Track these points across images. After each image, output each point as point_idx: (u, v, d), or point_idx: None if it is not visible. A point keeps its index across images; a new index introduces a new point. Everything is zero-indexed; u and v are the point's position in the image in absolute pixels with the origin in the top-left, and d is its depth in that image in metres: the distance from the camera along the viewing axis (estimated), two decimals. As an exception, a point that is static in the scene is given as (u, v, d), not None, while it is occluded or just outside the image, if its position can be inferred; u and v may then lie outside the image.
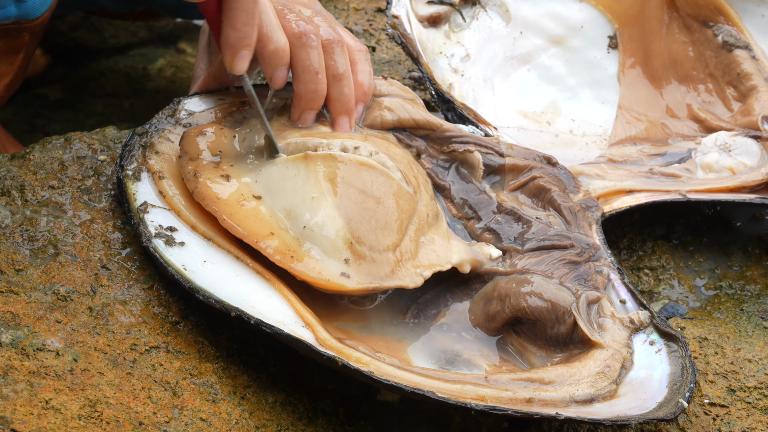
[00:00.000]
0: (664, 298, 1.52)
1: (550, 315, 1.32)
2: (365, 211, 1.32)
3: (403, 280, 1.32)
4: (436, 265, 1.35)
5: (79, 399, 1.15)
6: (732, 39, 1.68)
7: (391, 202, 1.33)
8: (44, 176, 1.37)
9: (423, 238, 1.36)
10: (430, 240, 1.37)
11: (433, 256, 1.35)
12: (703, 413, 1.32)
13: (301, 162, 1.34)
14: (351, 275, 1.29)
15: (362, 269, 1.30)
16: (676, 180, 1.55)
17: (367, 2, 1.89)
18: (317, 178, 1.33)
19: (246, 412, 1.24)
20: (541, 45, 1.73)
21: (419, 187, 1.39)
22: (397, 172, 1.37)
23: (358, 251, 1.30)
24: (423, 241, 1.36)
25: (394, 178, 1.34)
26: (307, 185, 1.33)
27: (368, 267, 1.30)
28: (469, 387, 1.24)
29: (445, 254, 1.36)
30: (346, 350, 1.25)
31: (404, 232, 1.34)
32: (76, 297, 1.26)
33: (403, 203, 1.34)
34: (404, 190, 1.35)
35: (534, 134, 1.66)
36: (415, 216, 1.36)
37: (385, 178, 1.33)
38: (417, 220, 1.36)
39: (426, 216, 1.37)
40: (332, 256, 1.29)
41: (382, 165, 1.36)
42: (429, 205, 1.39)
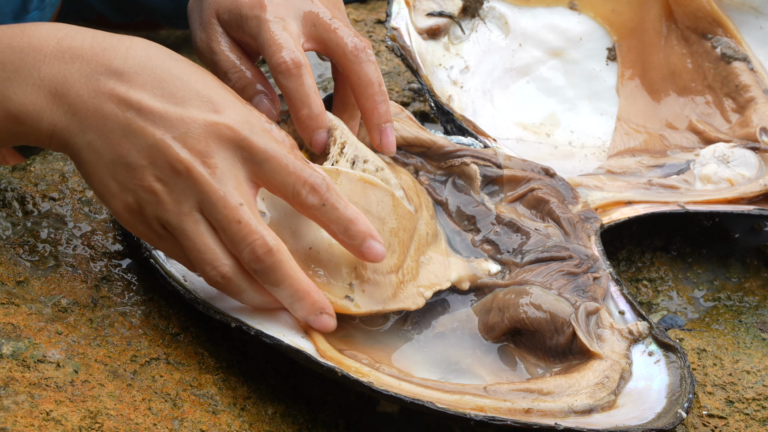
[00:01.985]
0: (662, 310, 1.52)
1: (549, 326, 1.32)
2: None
3: (405, 303, 1.32)
4: (436, 284, 1.35)
5: (79, 410, 1.15)
6: (730, 51, 1.69)
7: (394, 222, 1.33)
8: (45, 188, 1.38)
9: (422, 257, 1.36)
10: (428, 259, 1.37)
11: (432, 276, 1.35)
12: (702, 425, 1.32)
13: None
14: (355, 299, 1.29)
15: (366, 293, 1.30)
16: (675, 191, 1.55)
17: (366, 14, 1.89)
18: None
19: (246, 423, 1.24)
20: (540, 57, 1.74)
21: (420, 206, 1.39)
22: (399, 190, 1.36)
23: (362, 275, 1.30)
24: (422, 260, 1.36)
25: (397, 197, 1.34)
26: None
27: (372, 290, 1.30)
28: (468, 397, 1.24)
29: (444, 273, 1.36)
30: (346, 361, 1.25)
31: (406, 253, 1.34)
32: (77, 308, 1.26)
33: (406, 222, 1.34)
34: (406, 209, 1.34)
35: (533, 146, 1.67)
36: (415, 235, 1.35)
37: (389, 197, 1.32)
38: (417, 239, 1.36)
39: (425, 235, 1.37)
40: (337, 279, 1.28)
41: (386, 183, 1.35)
42: (429, 224, 1.39)
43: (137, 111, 1.15)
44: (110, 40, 1.17)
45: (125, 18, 2.01)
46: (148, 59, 1.17)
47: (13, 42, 1.16)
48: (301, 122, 1.33)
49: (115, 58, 1.16)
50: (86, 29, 1.18)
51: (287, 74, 1.31)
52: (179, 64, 1.18)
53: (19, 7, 1.59)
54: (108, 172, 1.17)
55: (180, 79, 1.17)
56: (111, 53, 1.16)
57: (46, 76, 1.16)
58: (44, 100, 1.16)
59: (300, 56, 1.32)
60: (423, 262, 1.36)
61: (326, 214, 1.22)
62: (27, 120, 1.16)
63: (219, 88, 1.20)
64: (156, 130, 1.15)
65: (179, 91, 1.17)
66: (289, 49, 1.32)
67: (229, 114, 1.18)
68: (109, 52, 1.16)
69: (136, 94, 1.15)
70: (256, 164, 1.19)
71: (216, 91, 1.19)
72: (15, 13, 1.59)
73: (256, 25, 1.34)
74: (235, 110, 1.19)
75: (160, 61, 1.17)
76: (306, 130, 1.33)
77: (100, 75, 1.16)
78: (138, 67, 1.16)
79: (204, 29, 1.38)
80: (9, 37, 1.16)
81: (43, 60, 1.16)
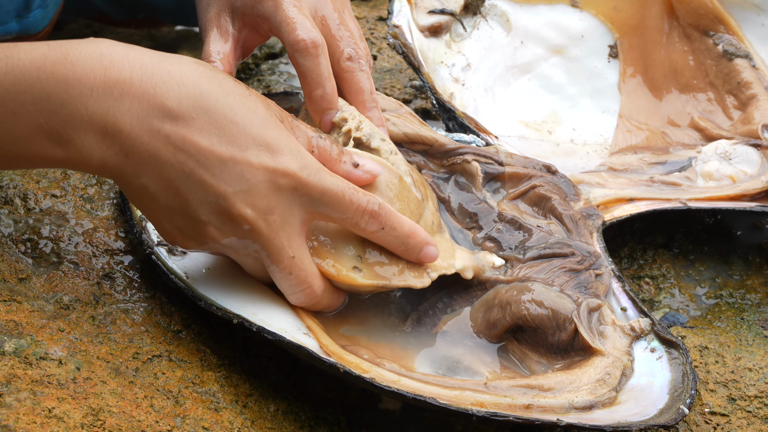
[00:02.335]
0: (664, 307, 1.52)
1: (551, 322, 1.32)
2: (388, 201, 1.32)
3: (411, 280, 1.31)
4: (441, 268, 1.35)
5: (81, 408, 1.15)
6: (732, 48, 1.69)
7: (403, 205, 1.33)
8: (47, 185, 1.38)
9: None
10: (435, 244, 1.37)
11: (438, 259, 1.35)
12: (704, 422, 1.32)
13: None
14: (363, 270, 1.29)
15: (373, 267, 1.30)
16: (677, 188, 1.55)
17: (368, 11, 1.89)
18: None
19: (248, 420, 1.24)
20: (541, 54, 1.74)
21: (426, 197, 1.39)
22: (408, 176, 1.36)
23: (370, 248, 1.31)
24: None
25: (405, 182, 1.34)
26: None
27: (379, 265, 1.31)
28: (468, 393, 1.24)
29: (450, 259, 1.36)
30: (347, 356, 1.25)
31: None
32: (79, 306, 1.26)
33: (413, 207, 1.34)
34: (413, 194, 1.35)
35: (535, 143, 1.67)
36: (422, 222, 1.36)
37: (398, 180, 1.33)
38: (423, 226, 1.36)
39: (431, 223, 1.37)
40: (345, 251, 1.29)
41: (396, 167, 1.35)
42: (434, 214, 1.39)
43: (196, 160, 1.15)
44: (160, 74, 1.14)
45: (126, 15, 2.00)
46: (201, 98, 1.15)
47: (56, 70, 1.11)
48: (314, 102, 1.35)
49: (168, 98, 1.13)
50: (130, 51, 1.15)
51: (305, 53, 1.33)
52: (232, 102, 1.18)
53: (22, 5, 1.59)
54: (165, 215, 1.19)
55: (235, 124, 1.17)
56: (163, 92, 1.14)
57: (94, 113, 1.12)
58: (93, 138, 1.13)
59: (318, 36, 1.34)
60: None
61: (386, 236, 1.27)
62: (75, 155, 1.14)
63: (272, 128, 1.20)
64: (218, 184, 1.16)
65: (236, 137, 1.17)
66: (307, 29, 1.34)
67: (285, 157, 1.19)
68: (161, 90, 1.14)
69: (193, 140, 1.15)
70: (314, 204, 1.22)
71: (270, 133, 1.19)
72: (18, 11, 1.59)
73: (272, 7, 1.35)
74: (290, 151, 1.19)
75: (214, 101, 1.16)
76: (318, 110, 1.36)
77: (153, 117, 1.13)
78: (193, 109, 1.15)
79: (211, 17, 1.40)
80: (52, 63, 1.11)
81: (90, 94, 1.12)
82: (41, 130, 1.12)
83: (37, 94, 1.10)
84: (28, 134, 1.12)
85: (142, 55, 1.15)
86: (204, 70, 1.18)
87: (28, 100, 1.11)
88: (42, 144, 1.13)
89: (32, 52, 1.11)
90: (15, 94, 1.10)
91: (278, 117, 1.23)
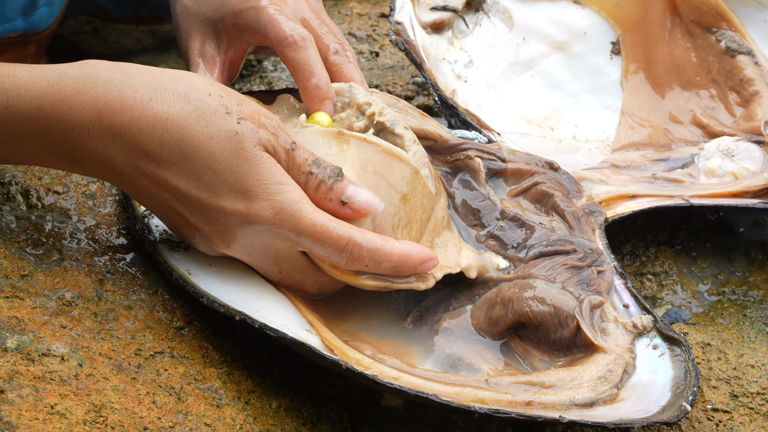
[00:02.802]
0: (667, 304, 1.52)
1: (553, 319, 1.32)
2: (390, 207, 1.31)
3: (414, 283, 1.31)
4: (447, 267, 1.35)
5: (84, 404, 1.15)
6: (735, 45, 1.68)
7: (416, 200, 1.33)
8: (49, 181, 1.38)
9: (437, 239, 1.36)
10: (443, 242, 1.37)
11: (444, 258, 1.35)
12: (706, 419, 1.32)
13: (333, 140, 1.32)
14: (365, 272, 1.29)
15: None
16: (679, 185, 1.55)
17: (370, 8, 1.89)
18: (349, 162, 1.31)
19: (250, 417, 1.24)
20: (544, 51, 1.74)
21: (440, 191, 1.39)
22: (425, 168, 1.36)
23: None
24: (437, 242, 1.36)
25: (421, 175, 1.33)
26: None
27: None
28: (469, 390, 1.24)
29: (455, 257, 1.36)
30: (349, 351, 1.25)
31: (422, 232, 1.34)
32: (81, 302, 1.26)
33: (426, 201, 1.34)
34: (427, 189, 1.34)
35: (537, 140, 1.67)
36: (432, 216, 1.35)
37: (412, 173, 1.32)
38: (434, 220, 1.36)
39: (441, 219, 1.37)
40: None
41: (416, 156, 1.35)
42: (445, 209, 1.39)
43: (177, 199, 1.24)
44: (146, 119, 1.21)
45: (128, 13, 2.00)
46: (182, 144, 1.22)
47: (55, 112, 1.21)
48: (309, 91, 1.37)
49: (152, 144, 1.21)
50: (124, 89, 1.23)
51: (294, 46, 1.37)
52: (214, 147, 1.23)
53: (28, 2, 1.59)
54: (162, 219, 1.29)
55: (213, 171, 1.22)
56: (147, 137, 1.22)
57: (92, 150, 1.22)
58: (94, 166, 1.24)
59: (304, 30, 1.38)
60: (437, 245, 1.36)
61: (374, 269, 1.28)
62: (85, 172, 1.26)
63: (253, 172, 1.23)
64: (197, 221, 1.25)
65: (212, 184, 1.23)
66: (292, 26, 1.38)
67: (260, 203, 1.23)
68: (146, 136, 1.21)
69: (173, 183, 1.23)
70: (294, 241, 1.26)
71: (249, 179, 1.23)
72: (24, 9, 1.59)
73: (254, 14, 1.40)
74: (267, 196, 1.23)
75: (195, 147, 1.22)
76: (313, 100, 1.37)
77: (140, 159, 1.22)
78: (174, 155, 1.22)
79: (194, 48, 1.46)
80: (51, 105, 1.21)
81: (88, 135, 1.22)
82: (50, 152, 1.23)
83: (40, 129, 1.22)
84: (39, 153, 1.24)
85: (134, 93, 1.22)
86: (192, 109, 1.23)
87: (33, 131, 1.22)
88: (52, 160, 1.24)
89: (31, 88, 1.21)
90: (19, 127, 1.22)
91: (271, 148, 1.25)
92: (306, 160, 1.27)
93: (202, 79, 1.26)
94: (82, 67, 1.24)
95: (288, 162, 1.26)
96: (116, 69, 1.24)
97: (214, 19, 1.43)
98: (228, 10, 1.41)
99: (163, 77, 1.24)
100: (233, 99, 1.25)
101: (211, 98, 1.24)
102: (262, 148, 1.24)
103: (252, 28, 1.40)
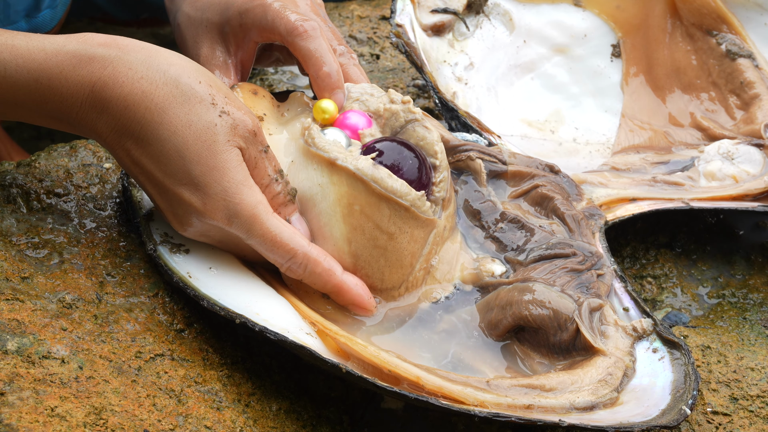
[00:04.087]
0: (667, 307, 1.52)
1: (552, 323, 1.32)
2: (375, 250, 1.32)
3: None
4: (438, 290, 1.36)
5: (84, 406, 1.15)
6: (735, 48, 1.68)
7: (405, 237, 1.32)
8: (50, 184, 1.38)
9: (434, 260, 1.36)
10: (438, 261, 1.37)
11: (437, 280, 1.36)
12: (706, 422, 1.32)
13: (326, 169, 1.32)
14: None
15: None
16: (679, 188, 1.55)
17: (371, 10, 1.89)
18: (337, 197, 1.31)
19: (250, 419, 1.24)
20: (544, 54, 1.74)
21: (451, 198, 1.39)
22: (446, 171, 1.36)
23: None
24: (432, 264, 1.36)
25: (412, 211, 1.32)
26: (324, 203, 1.32)
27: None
28: (470, 390, 1.24)
29: (450, 273, 1.37)
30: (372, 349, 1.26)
31: (413, 266, 1.34)
32: (82, 305, 1.26)
33: (417, 233, 1.33)
34: (421, 220, 1.33)
35: (538, 143, 1.66)
36: (430, 239, 1.35)
37: (405, 211, 1.32)
38: (431, 242, 1.35)
39: (443, 229, 1.37)
40: None
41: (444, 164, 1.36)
42: (451, 217, 1.39)
43: (146, 177, 1.27)
44: (133, 96, 1.25)
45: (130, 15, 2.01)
46: (160, 127, 1.25)
47: (51, 84, 1.25)
48: (321, 80, 1.38)
49: (134, 121, 1.25)
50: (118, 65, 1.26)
51: (305, 35, 1.38)
52: (187, 135, 1.25)
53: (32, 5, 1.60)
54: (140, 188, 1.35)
55: (181, 159, 1.25)
56: (131, 114, 1.25)
57: (83, 119, 1.27)
58: (85, 131, 1.29)
59: (313, 20, 1.39)
60: (433, 266, 1.36)
61: (313, 283, 1.31)
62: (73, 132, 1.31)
63: (217, 169, 1.26)
64: (160, 202, 1.29)
65: (178, 172, 1.25)
66: (301, 16, 1.39)
67: (216, 203, 1.26)
68: (130, 113, 1.25)
69: (144, 162, 1.26)
70: (241, 240, 1.28)
71: (212, 175, 1.26)
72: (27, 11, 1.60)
73: (260, 11, 1.40)
74: (224, 197, 1.26)
75: (170, 132, 1.25)
76: (325, 89, 1.39)
77: (121, 133, 1.26)
78: (150, 136, 1.25)
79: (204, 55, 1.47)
80: (47, 77, 1.25)
81: (80, 107, 1.26)
82: (44, 116, 1.28)
83: (36, 98, 1.26)
84: (33, 116, 1.29)
85: (128, 70, 1.25)
86: (179, 94, 1.26)
87: (29, 99, 1.26)
88: (45, 121, 1.29)
89: (30, 59, 1.25)
90: (16, 95, 1.26)
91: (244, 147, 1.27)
92: (274, 166, 1.30)
93: (196, 66, 1.28)
94: (79, 40, 1.26)
95: (257, 162, 1.28)
96: (113, 44, 1.26)
97: (219, 23, 1.43)
98: (234, 12, 1.42)
99: (158, 57, 1.26)
100: (221, 92, 1.27)
101: (200, 86, 1.26)
102: (234, 144, 1.26)
103: (259, 25, 1.41)
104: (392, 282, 1.34)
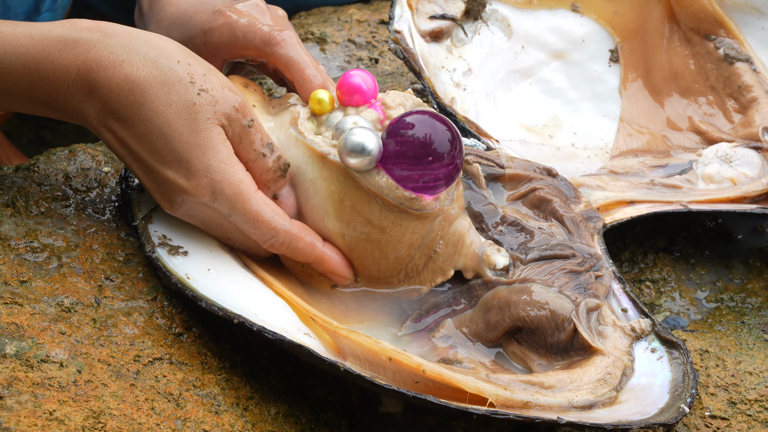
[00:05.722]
0: (665, 311, 1.52)
1: (550, 323, 1.32)
2: (369, 244, 1.32)
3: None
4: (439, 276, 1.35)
5: (82, 410, 1.15)
6: (733, 52, 1.69)
7: (398, 230, 1.32)
8: (48, 188, 1.38)
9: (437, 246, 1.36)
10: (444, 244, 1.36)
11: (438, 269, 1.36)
12: (704, 426, 1.32)
13: (317, 163, 1.32)
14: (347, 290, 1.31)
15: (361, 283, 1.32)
16: (678, 191, 1.55)
17: (369, 14, 1.89)
18: (328, 193, 1.31)
19: (249, 423, 1.24)
20: (542, 59, 1.74)
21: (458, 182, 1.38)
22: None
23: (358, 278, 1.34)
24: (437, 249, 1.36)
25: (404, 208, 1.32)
26: (316, 197, 1.32)
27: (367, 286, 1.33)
28: (470, 378, 1.24)
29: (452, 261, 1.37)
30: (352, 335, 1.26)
31: (411, 255, 1.34)
32: (80, 308, 1.26)
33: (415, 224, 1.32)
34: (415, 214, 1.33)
35: (536, 147, 1.67)
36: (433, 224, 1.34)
37: (393, 206, 1.31)
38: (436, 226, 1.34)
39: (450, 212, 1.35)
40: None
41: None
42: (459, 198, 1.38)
43: (132, 158, 1.30)
44: (117, 79, 1.27)
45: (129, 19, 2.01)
46: (143, 107, 1.27)
47: (39, 69, 1.28)
48: (308, 82, 1.39)
49: (118, 104, 1.27)
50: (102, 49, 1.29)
51: (282, 44, 1.40)
52: (170, 114, 1.28)
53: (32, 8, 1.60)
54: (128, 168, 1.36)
55: (164, 138, 1.27)
56: (116, 96, 1.27)
57: (70, 103, 1.29)
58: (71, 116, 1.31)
59: (287, 28, 1.41)
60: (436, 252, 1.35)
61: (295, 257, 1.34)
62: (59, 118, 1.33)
63: (199, 146, 1.28)
64: (147, 182, 1.31)
65: (162, 150, 1.28)
66: (273, 26, 1.40)
67: (200, 180, 1.28)
68: (115, 95, 1.27)
69: (131, 142, 1.29)
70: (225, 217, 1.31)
71: (194, 152, 1.28)
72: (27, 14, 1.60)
73: (227, 30, 1.42)
74: (207, 174, 1.28)
75: (153, 112, 1.27)
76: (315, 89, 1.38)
77: (107, 116, 1.28)
78: (134, 117, 1.27)
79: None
80: (35, 62, 1.28)
81: (67, 90, 1.28)
82: (31, 101, 1.30)
83: (24, 83, 1.28)
84: (20, 101, 1.31)
85: (110, 54, 1.28)
86: (159, 74, 1.28)
87: (16, 85, 1.28)
88: (32, 107, 1.31)
89: (17, 44, 1.27)
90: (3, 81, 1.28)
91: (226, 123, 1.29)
92: (261, 139, 1.31)
93: (175, 45, 1.30)
94: (64, 26, 1.29)
95: (241, 137, 1.30)
96: (96, 29, 1.29)
97: (182, 41, 1.43)
98: (196, 31, 1.43)
99: (137, 40, 1.29)
100: (201, 68, 1.29)
101: (179, 66, 1.28)
102: (216, 122, 1.28)
103: (228, 43, 1.42)
104: (389, 271, 1.34)
